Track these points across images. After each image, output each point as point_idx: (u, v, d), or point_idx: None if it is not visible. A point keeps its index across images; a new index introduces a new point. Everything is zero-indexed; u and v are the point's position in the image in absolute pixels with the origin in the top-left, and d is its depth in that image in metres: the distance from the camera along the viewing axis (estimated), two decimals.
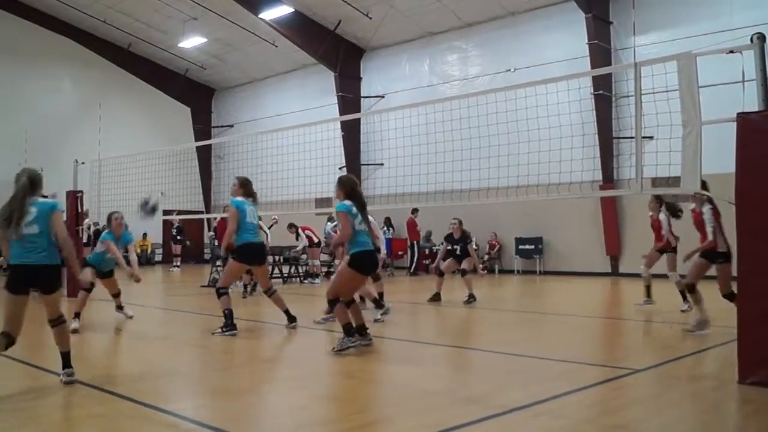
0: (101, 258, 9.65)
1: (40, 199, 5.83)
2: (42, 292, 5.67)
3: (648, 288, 11.20)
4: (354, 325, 7.32)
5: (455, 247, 12.62)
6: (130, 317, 10.16)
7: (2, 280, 8.47)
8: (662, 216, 10.81)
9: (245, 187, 9.21)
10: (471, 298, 12.26)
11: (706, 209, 8.05)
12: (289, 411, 5.19)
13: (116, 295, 10.18)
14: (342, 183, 7.70)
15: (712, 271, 8.33)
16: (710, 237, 8.07)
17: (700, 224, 8.30)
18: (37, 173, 5.93)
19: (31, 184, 5.78)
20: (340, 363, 6.80)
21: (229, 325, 8.61)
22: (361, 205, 7.47)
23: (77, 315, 9.08)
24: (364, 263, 7.42)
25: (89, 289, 9.39)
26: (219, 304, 8.77)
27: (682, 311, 10.30)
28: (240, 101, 30.78)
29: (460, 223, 12.65)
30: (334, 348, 7.12)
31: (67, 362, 5.78)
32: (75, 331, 8.42)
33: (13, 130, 24.24)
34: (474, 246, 12.56)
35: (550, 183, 10.54)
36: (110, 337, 8.88)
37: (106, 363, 7.13)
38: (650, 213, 11.11)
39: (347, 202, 7.45)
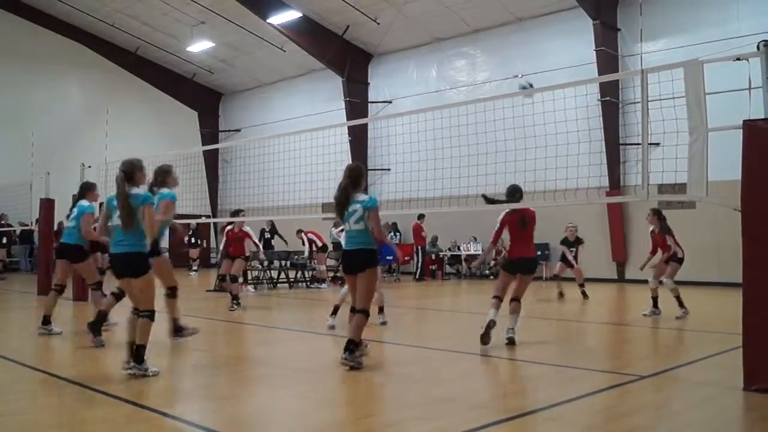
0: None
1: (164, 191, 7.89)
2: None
3: (656, 299, 11.16)
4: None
5: (572, 249, 14.40)
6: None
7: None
8: (666, 228, 11.14)
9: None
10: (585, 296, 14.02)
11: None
12: (295, 415, 5.21)
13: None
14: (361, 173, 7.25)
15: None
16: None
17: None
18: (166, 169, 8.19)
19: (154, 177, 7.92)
20: (346, 368, 6.81)
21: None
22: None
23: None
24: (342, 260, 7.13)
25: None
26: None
27: (677, 318, 10.58)
28: (247, 106, 30.85)
29: (576, 228, 14.57)
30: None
31: None
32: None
33: (20, 134, 24.33)
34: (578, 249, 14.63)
35: (556, 189, 10.54)
36: (113, 340, 8.90)
37: (108, 366, 7.15)
38: (651, 227, 11.32)
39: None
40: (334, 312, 9.64)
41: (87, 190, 9.40)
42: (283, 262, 18.51)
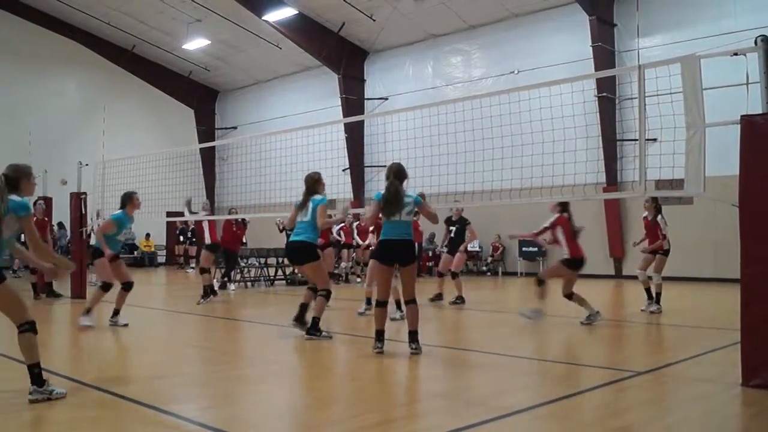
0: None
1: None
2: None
3: (648, 290, 11.21)
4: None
5: (451, 228, 13.13)
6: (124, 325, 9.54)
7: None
8: (659, 218, 11.04)
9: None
10: (459, 300, 12.67)
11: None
12: (292, 412, 5.20)
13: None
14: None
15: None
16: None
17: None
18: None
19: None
20: (343, 365, 6.80)
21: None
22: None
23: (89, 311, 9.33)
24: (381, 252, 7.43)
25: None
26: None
27: (651, 312, 10.87)
28: (243, 103, 30.81)
29: (461, 210, 13.12)
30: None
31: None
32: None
33: (17, 132, 24.27)
34: (468, 235, 13.06)
35: (553, 185, 10.53)
36: (112, 339, 8.88)
37: (108, 364, 7.14)
38: (645, 214, 11.30)
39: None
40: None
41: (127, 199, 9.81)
42: (280, 260, 18.46)
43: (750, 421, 5.01)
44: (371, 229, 15.98)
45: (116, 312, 9.58)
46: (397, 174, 7.37)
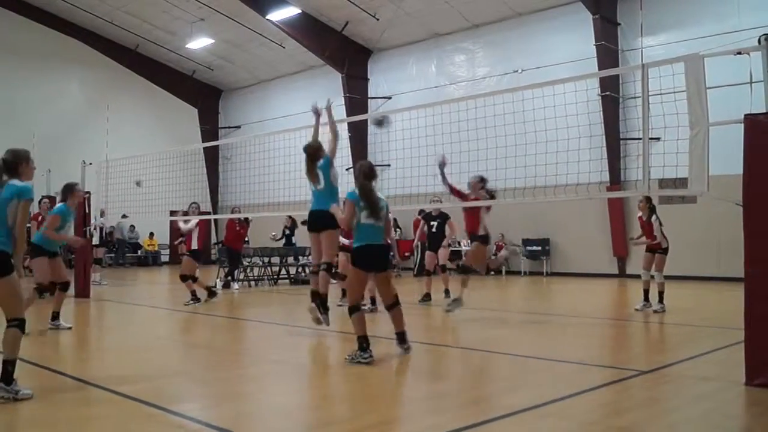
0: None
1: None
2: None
3: (647, 291, 11.18)
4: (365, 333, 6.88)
5: (432, 223, 13.29)
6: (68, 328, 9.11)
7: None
8: (653, 218, 11.09)
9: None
10: (446, 294, 12.86)
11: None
12: (296, 411, 5.20)
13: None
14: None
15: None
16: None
17: None
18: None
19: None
20: (345, 364, 6.80)
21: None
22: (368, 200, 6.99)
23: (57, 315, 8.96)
24: (361, 257, 7.01)
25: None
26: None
27: (654, 311, 10.73)
28: (247, 102, 30.81)
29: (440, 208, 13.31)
30: (345, 358, 6.79)
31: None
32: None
33: (21, 132, 24.24)
34: (449, 231, 13.35)
35: (557, 184, 10.52)
36: (115, 337, 8.90)
37: (111, 363, 7.15)
38: (639, 213, 11.31)
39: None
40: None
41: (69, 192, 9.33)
42: (283, 259, 18.48)
43: (753, 421, 5.00)
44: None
45: (56, 315, 9.02)
46: (367, 174, 7.04)
